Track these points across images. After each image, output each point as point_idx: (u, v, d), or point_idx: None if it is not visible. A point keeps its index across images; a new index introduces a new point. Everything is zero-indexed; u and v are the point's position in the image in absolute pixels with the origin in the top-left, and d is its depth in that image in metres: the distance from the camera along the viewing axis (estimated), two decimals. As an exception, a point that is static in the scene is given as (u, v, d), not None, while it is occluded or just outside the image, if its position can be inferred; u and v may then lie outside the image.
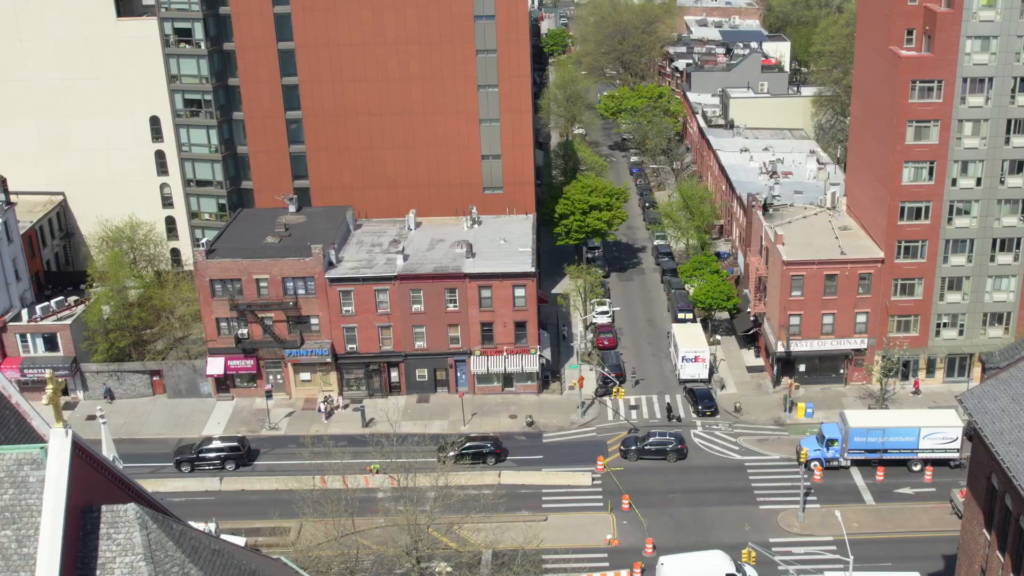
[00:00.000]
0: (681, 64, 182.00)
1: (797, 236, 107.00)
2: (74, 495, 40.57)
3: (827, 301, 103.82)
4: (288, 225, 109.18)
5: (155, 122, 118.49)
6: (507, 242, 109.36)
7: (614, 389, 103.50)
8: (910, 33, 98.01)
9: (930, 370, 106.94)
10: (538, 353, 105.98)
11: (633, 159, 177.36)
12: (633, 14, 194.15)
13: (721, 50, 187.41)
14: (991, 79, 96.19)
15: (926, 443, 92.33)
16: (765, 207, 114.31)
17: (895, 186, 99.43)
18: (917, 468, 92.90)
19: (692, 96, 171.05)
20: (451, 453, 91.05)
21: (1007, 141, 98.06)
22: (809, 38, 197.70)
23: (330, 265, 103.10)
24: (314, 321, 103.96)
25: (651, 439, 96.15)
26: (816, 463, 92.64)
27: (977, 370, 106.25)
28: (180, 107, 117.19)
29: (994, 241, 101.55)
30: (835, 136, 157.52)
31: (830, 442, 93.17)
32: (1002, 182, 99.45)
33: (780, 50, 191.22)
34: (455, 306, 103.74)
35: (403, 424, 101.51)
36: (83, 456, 42.04)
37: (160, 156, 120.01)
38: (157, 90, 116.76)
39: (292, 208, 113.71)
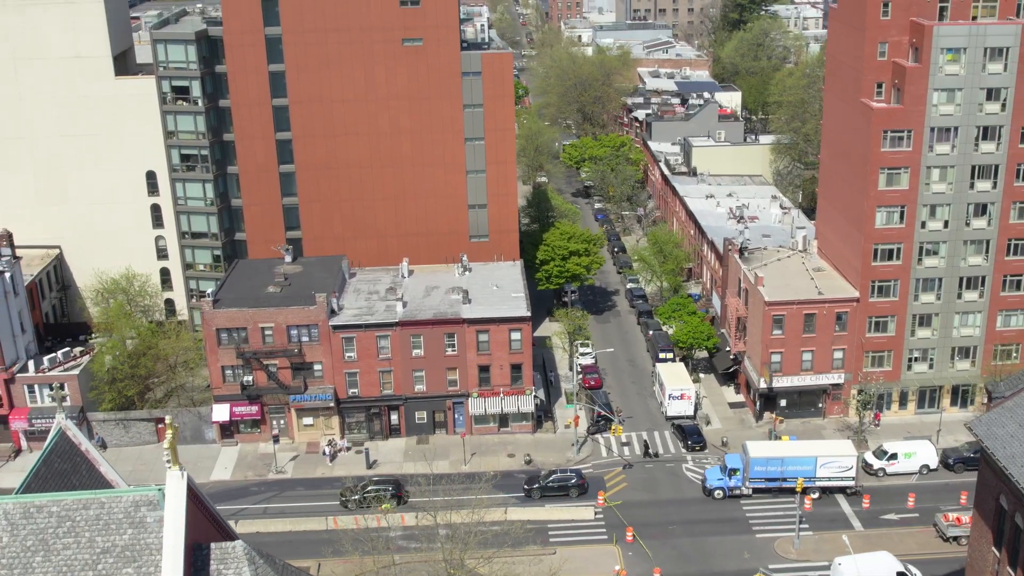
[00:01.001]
0: (640, 114, 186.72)
1: (775, 278, 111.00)
2: (187, 533, 42.80)
3: (806, 339, 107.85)
4: (287, 275, 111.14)
5: (151, 176, 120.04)
6: (499, 288, 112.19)
7: (613, 426, 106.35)
8: (879, 86, 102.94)
9: (902, 402, 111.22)
10: (533, 394, 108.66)
11: (597, 206, 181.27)
12: (592, 67, 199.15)
13: (676, 100, 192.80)
14: (956, 128, 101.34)
15: (823, 471, 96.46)
16: (741, 251, 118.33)
17: (869, 229, 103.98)
18: (815, 496, 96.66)
19: (653, 145, 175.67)
20: (355, 496, 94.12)
21: (972, 186, 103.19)
22: (758, 88, 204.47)
23: (332, 313, 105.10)
24: (317, 367, 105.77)
25: (553, 476, 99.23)
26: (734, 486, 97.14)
27: (946, 401, 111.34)
28: (177, 162, 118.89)
29: (961, 279, 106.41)
30: (792, 182, 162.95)
31: (732, 471, 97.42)
32: (967, 224, 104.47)
33: (732, 99, 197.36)
34: (453, 350, 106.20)
35: (405, 465, 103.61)
36: (191, 496, 44.28)
37: (156, 209, 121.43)
38: (154, 145, 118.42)
39: (288, 258, 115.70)
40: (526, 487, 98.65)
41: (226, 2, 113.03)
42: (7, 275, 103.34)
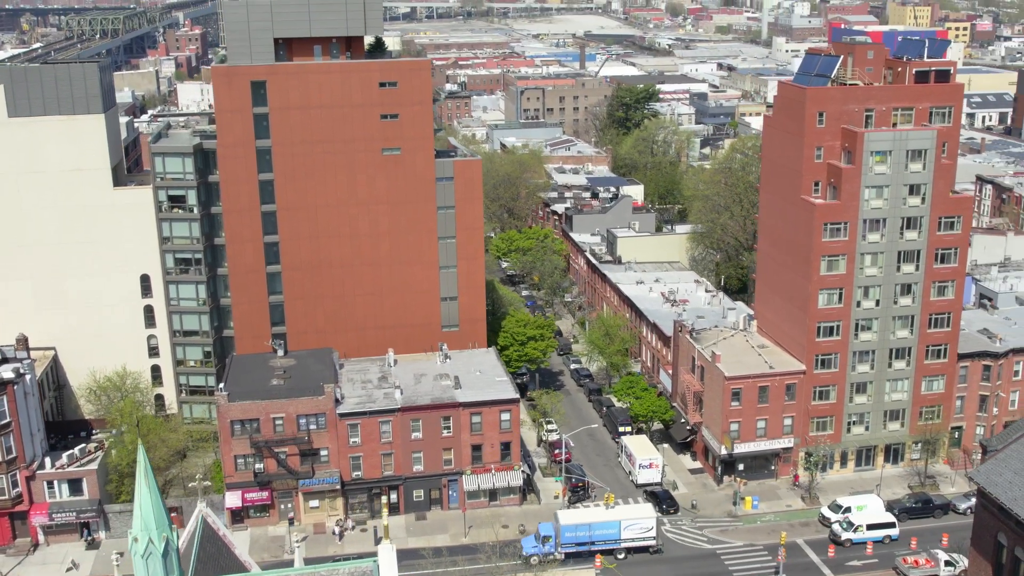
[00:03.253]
0: (559, 208, 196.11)
1: (728, 355, 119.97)
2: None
3: (761, 408, 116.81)
4: (285, 368, 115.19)
5: (145, 279, 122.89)
6: (482, 373, 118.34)
7: (606, 495, 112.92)
8: (816, 184, 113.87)
9: (843, 462, 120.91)
10: (521, 469, 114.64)
11: (524, 293, 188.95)
12: (512, 165, 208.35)
13: (587, 194, 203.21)
14: (885, 219, 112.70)
15: (627, 533, 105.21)
16: (691, 332, 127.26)
17: (813, 310, 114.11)
18: (622, 556, 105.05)
19: (575, 236, 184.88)
20: None
21: (898, 269, 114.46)
22: (657, 181, 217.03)
23: (337, 402, 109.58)
24: (324, 452, 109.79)
25: None
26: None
27: (880, 458, 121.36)
28: (171, 265, 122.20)
29: (891, 351, 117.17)
30: (706, 267, 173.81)
31: (545, 539, 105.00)
32: (895, 302, 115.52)
33: (637, 192, 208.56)
34: (449, 432, 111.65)
35: (409, 540, 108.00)
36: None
37: (148, 310, 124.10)
38: (149, 250, 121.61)
39: (280, 352, 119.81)
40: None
41: (221, 119, 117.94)
42: (27, 377, 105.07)
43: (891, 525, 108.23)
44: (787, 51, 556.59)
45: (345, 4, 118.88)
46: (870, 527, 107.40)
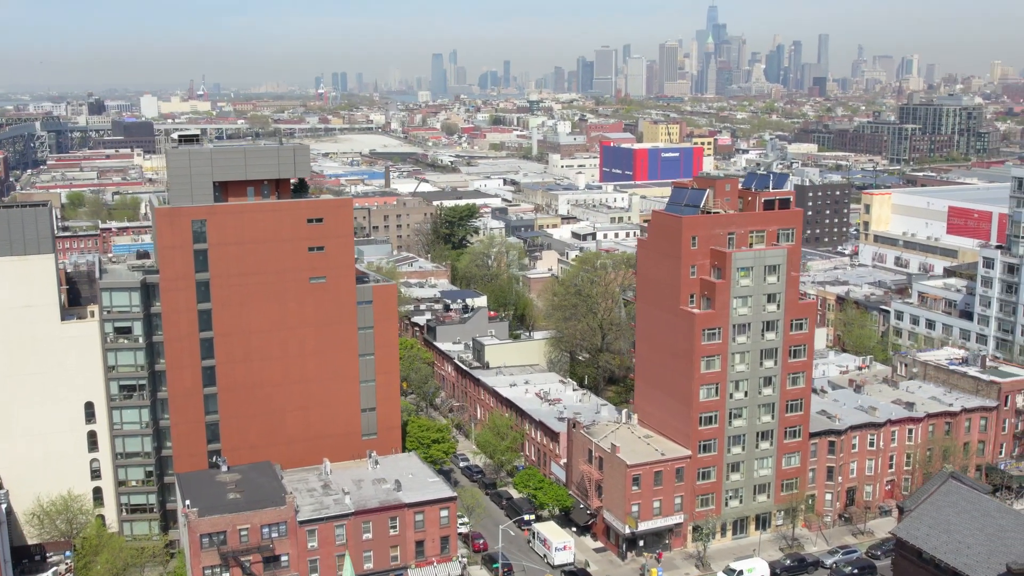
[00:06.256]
0: (420, 320, 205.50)
1: (622, 446, 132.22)
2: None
3: (656, 491, 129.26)
4: (235, 482, 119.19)
5: (89, 406, 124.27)
6: (414, 476, 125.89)
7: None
8: (692, 296, 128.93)
9: (723, 532, 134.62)
10: (459, 559, 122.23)
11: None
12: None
13: (439, 306, 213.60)
14: (749, 324, 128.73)
15: None
16: (585, 428, 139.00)
17: (696, 403, 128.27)
18: None
19: (440, 345, 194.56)
20: None
21: (761, 364, 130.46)
22: (496, 291, 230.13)
23: (295, 510, 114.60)
24: (284, 558, 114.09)
25: None
26: None
27: (752, 526, 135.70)
28: (115, 392, 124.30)
29: (757, 434, 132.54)
30: (562, 367, 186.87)
31: None
32: (760, 392, 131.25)
33: (481, 302, 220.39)
34: (395, 531, 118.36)
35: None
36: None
37: (92, 435, 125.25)
38: (94, 378, 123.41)
39: (224, 468, 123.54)
40: None
41: (163, 255, 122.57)
42: (3, 507, 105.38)
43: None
44: (562, 166, 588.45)
45: (278, 151, 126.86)
46: (750, 570, 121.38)
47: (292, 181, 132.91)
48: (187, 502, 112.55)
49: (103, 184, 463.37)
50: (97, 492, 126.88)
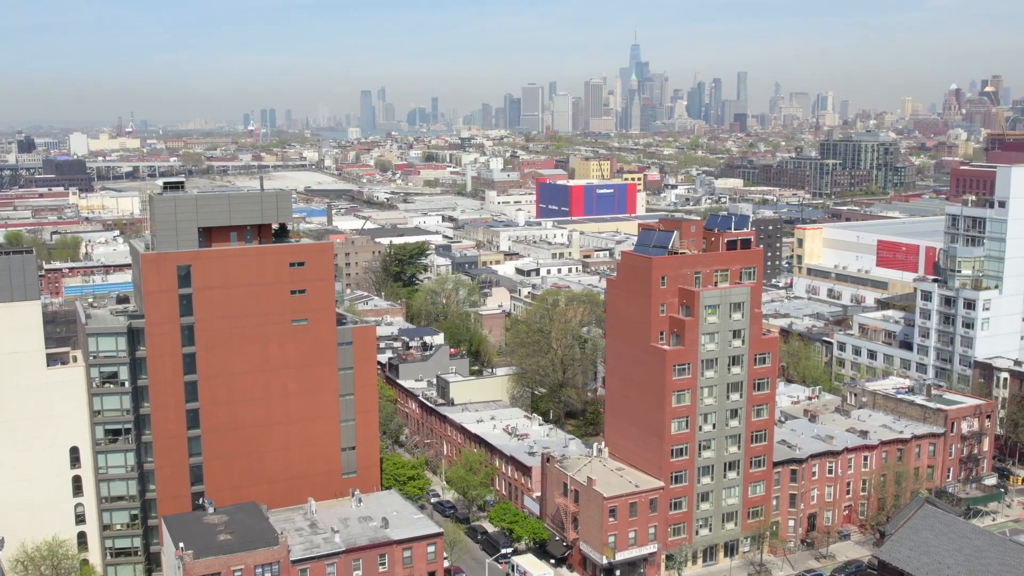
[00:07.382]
0: (381, 357, 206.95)
1: (596, 479, 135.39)
2: None
3: (631, 521, 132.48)
4: (224, 524, 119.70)
5: (74, 451, 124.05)
6: (399, 513, 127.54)
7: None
8: (662, 334, 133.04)
9: (694, 560, 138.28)
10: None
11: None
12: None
13: (397, 343, 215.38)
14: (717, 359, 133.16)
15: None
16: (559, 462, 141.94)
17: (667, 436, 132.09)
18: None
19: (403, 382, 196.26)
20: None
21: (728, 397, 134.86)
22: (452, 329, 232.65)
23: (288, 550, 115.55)
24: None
25: None
26: None
27: (721, 553, 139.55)
28: (100, 436, 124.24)
29: (725, 464, 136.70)
30: (524, 402, 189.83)
31: None
32: (727, 424, 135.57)
33: (438, 340, 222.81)
34: (384, 567, 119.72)
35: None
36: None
37: (76, 480, 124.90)
38: (79, 424, 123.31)
39: (211, 509, 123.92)
40: None
41: (148, 299, 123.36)
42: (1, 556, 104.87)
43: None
44: (499, 202, 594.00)
45: (261, 198, 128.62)
46: None
47: (273, 226, 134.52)
48: (180, 544, 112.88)
49: (39, 223, 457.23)
50: (82, 537, 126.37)
